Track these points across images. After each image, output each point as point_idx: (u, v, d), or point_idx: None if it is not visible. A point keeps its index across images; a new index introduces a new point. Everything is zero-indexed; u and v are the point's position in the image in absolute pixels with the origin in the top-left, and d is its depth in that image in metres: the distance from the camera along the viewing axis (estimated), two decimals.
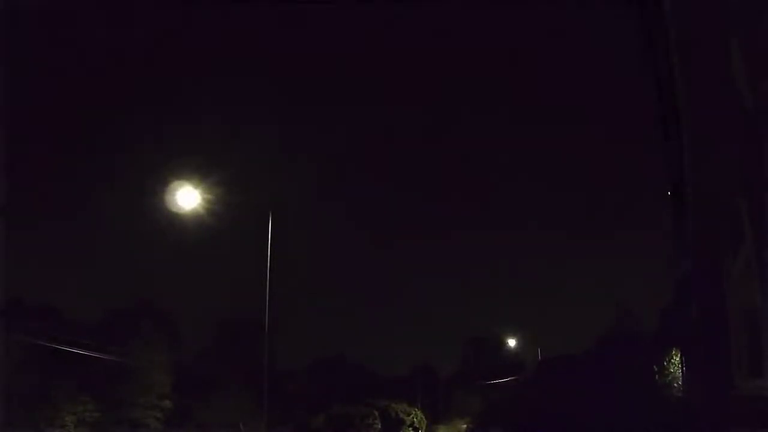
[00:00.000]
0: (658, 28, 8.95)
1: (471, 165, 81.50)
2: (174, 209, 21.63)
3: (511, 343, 56.15)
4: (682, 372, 31.68)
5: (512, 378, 51.48)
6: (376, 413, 43.18)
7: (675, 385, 34.36)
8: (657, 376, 35.57)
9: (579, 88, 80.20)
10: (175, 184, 21.49)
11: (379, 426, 43.09)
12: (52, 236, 50.46)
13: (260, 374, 24.01)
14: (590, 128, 73.79)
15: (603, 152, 73.47)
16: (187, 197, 21.15)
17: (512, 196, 77.33)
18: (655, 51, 9.14)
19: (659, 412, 32.83)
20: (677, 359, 34.06)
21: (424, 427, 47.34)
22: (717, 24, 8.06)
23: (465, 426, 50.80)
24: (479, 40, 77.92)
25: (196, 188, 21.27)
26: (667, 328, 35.15)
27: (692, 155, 9.93)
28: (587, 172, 78.37)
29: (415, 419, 46.22)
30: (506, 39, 75.45)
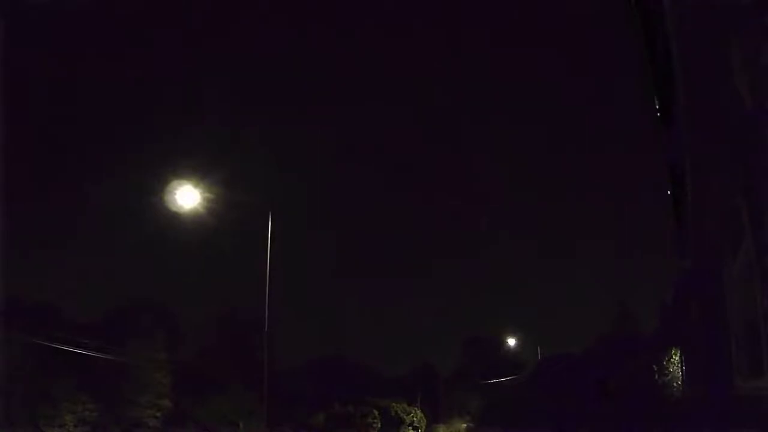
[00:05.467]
0: (658, 29, 8.94)
1: (470, 164, 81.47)
2: (174, 208, 21.66)
3: (511, 342, 56.20)
4: (681, 372, 31.71)
5: (512, 377, 51.54)
6: (376, 412, 43.20)
7: (675, 384, 34.39)
8: (656, 376, 35.60)
9: (577, 87, 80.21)
10: (175, 183, 21.51)
11: (379, 425, 43.12)
12: (51, 235, 50.45)
13: (260, 373, 24.01)
14: (590, 128, 73.76)
15: (603, 152, 73.46)
16: (187, 196, 21.19)
17: (511, 195, 77.34)
18: (655, 51, 9.14)
19: (659, 411, 32.85)
20: (677, 359, 34.09)
21: (423, 427, 47.35)
22: (717, 24, 8.05)
23: (464, 425, 50.83)
24: (476, 36, 77.96)
25: (196, 187, 21.29)
26: (667, 328, 35.19)
27: (692, 156, 9.94)
28: (587, 172, 78.29)
29: (414, 418, 46.24)
30: (502, 40, 75.39)
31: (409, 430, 45.55)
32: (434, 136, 79.25)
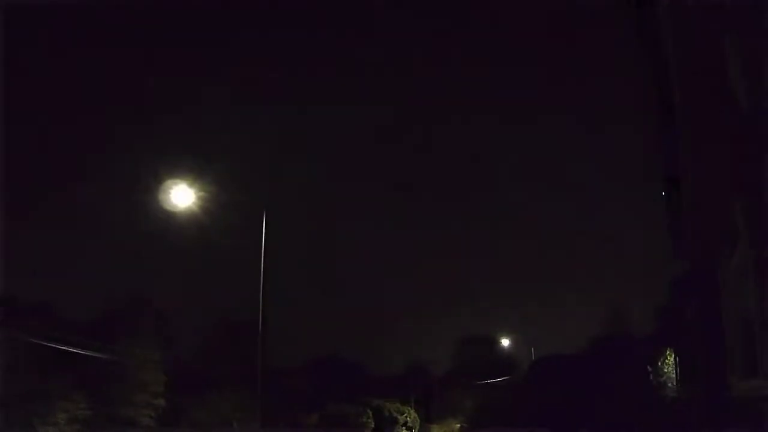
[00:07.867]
0: (656, 29, 8.95)
1: (469, 164, 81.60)
2: (169, 207, 21.55)
3: (505, 342, 56.24)
4: (676, 372, 31.79)
5: (506, 378, 51.58)
6: (370, 412, 43.15)
7: (670, 385, 34.45)
8: (651, 377, 35.67)
9: (577, 87, 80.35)
10: (170, 182, 21.41)
11: (373, 425, 43.07)
12: (48, 235, 50.32)
13: (254, 372, 23.91)
14: (590, 128, 74.00)
15: (602, 152, 73.74)
16: (182, 195, 21.08)
17: (510, 195, 77.46)
18: (653, 51, 9.14)
19: (654, 412, 32.93)
20: (671, 359, 34.15)
21: (417, 426, 47.35)
22: (715, 25, 8.07)
23: (458, 425, 50.83)
24: (476, 37, 78.04)
25: (190, 186, 21.19)
26: (663, 328, 35.27)
27: (690, 155, 9.96)
28: (587, 172, 78.55)
29: (408, 418, 46.22)
30: (504, 40, 75.51)
31: (402, 430, 45.52)
32: (433, 136, 79.32)
